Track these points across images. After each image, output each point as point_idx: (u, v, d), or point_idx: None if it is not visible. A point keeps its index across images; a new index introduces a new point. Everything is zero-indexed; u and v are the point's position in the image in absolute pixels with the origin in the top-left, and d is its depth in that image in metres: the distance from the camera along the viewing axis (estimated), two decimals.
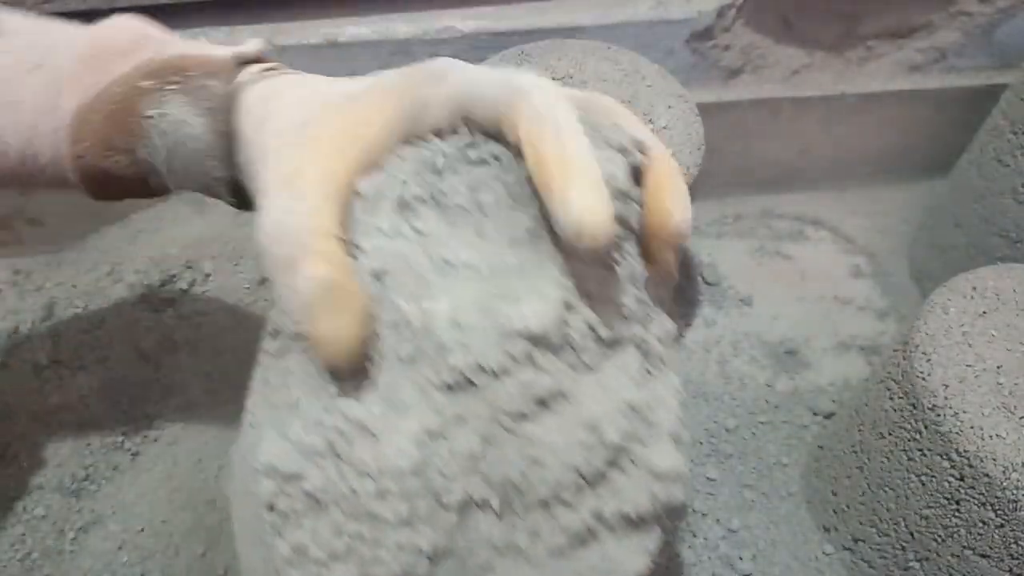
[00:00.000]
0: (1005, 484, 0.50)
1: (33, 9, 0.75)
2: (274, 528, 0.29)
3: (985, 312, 0.58)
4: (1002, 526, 0.51)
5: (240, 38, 0.80)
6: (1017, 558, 0.51)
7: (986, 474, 0.51)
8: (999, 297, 0.59)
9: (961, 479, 0.53)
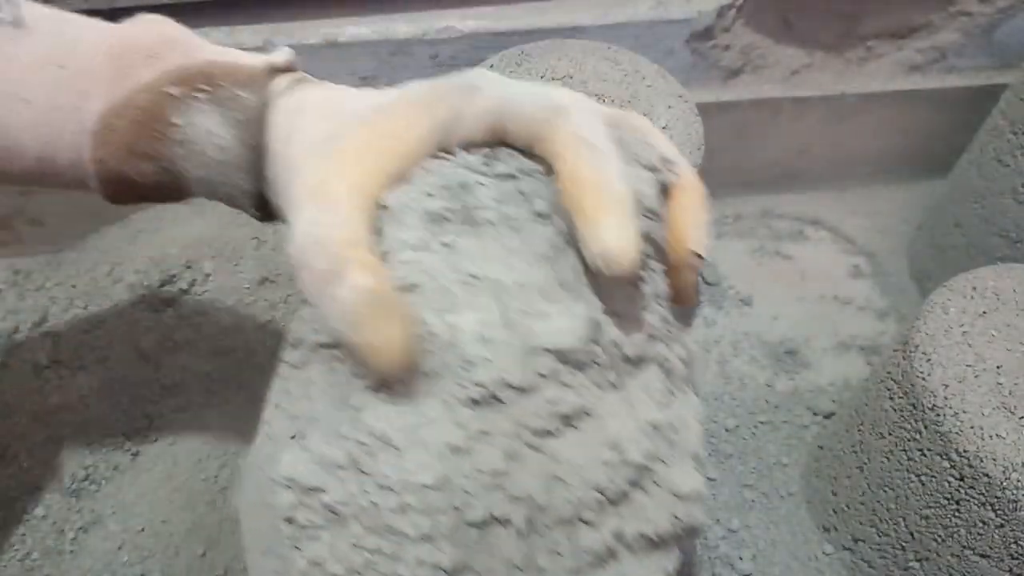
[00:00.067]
0: (1005, 484, 0.50)
1: None
2: (291, 541, 0.29)
3: (985, 312, 0.58)
4: (1002, 526, 0.51)
5: (242, 38, 0.79)
6: (1017, 558, 0.51)
7: (986, 474, 0.51)
8: (999, 297, 0.59)
9: (961, 479, 0.53)
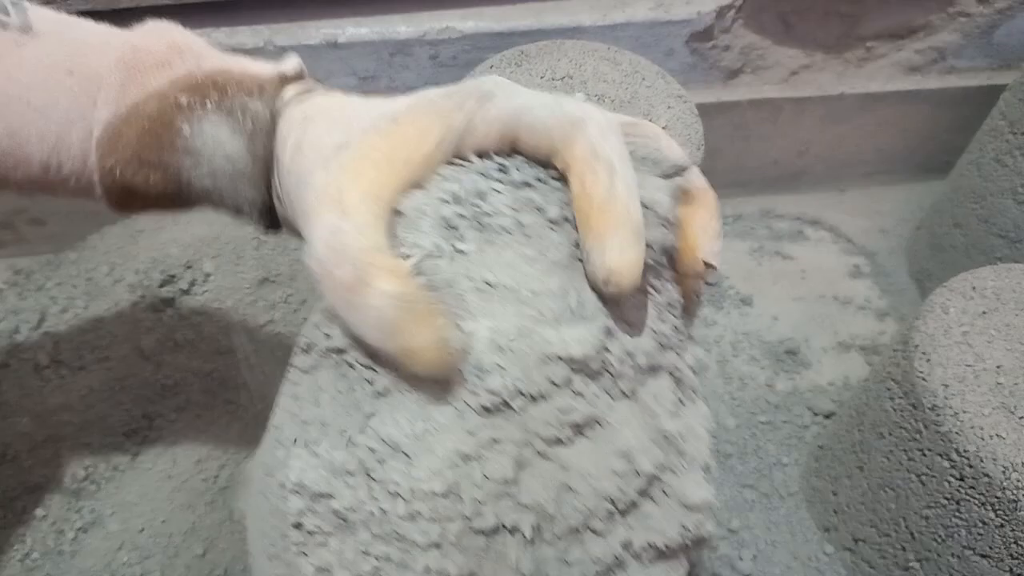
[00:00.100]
0: (1005, 484, 0.50)
1: None
2: (298, 547, 0.29)
3: (985, 312, 0.58)
4: (1002, 526, 0.51)
5: (242, 38, 0.80)
6: (1017, 558, 0.51)
7: (986, 474, 0.51)
8: (999, 297, 0.59)
9: (961, 479, 0.53)
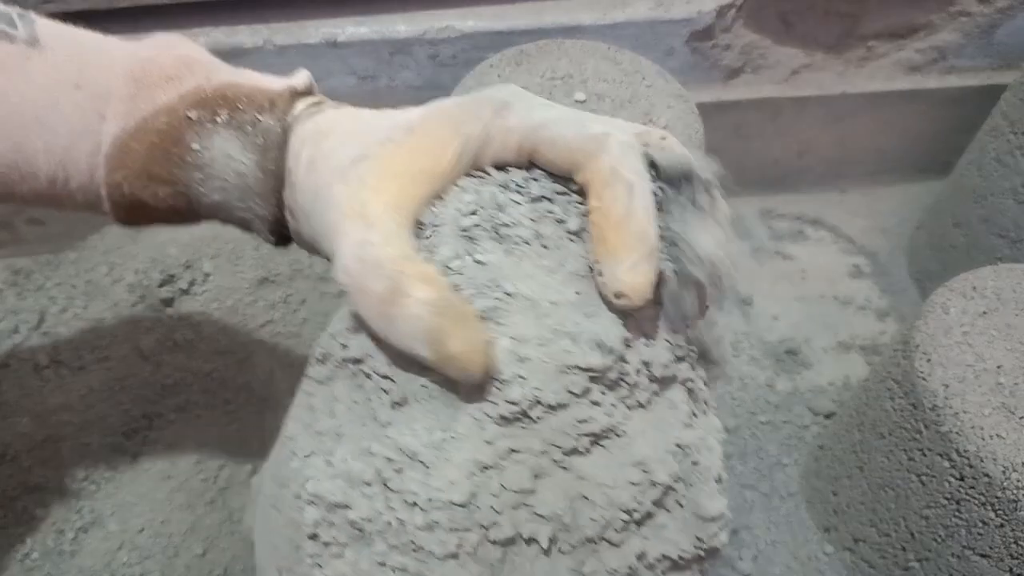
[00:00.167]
0: (1005, 484, 0.50)
1: (33, 9, 0.75)
2: (313, 559, 0.28)
3: (985, 312, 0.58)
4: (1002, 526, 0.51)
5: (242, 38, 0.79)
6: (1017, 558, 0.51)
7: (986, 474, 0.51)
8: (999, 297, 0.59)
9: (961, 479, 0.53)
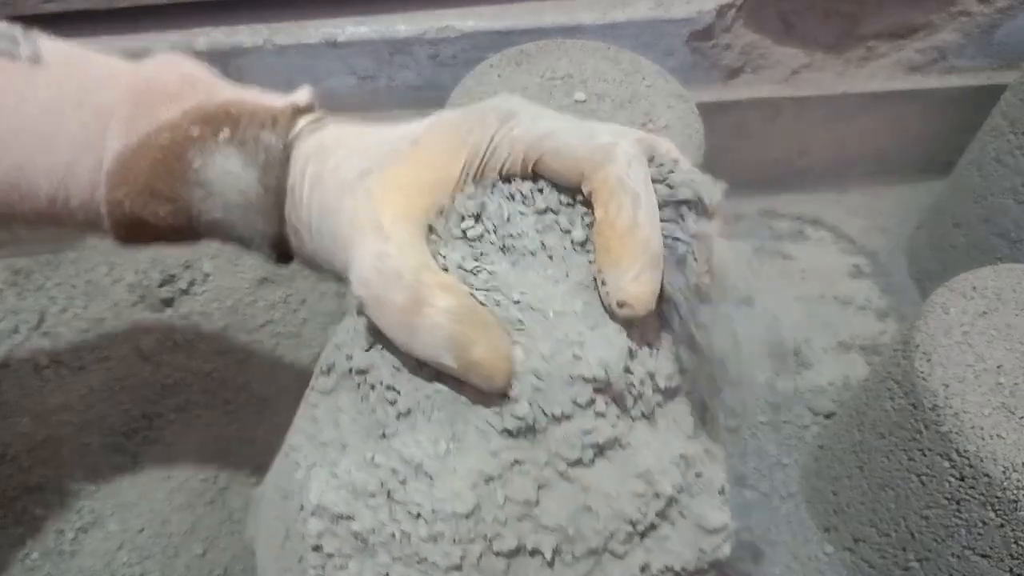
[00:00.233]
0: (1005, 484, 0.50)
1: (33, 9, 0.75)
2: (316, 571, 0.28)
3: (985, 312, 0.58)
4: (1002, 526, 0.51)
5: (241, 38, 0.79)
6: (1017, 558, 0.51)
7: (986, 474, 0.51)
8: (999, 297, 0.59)
9: (961, 479, 0.53)
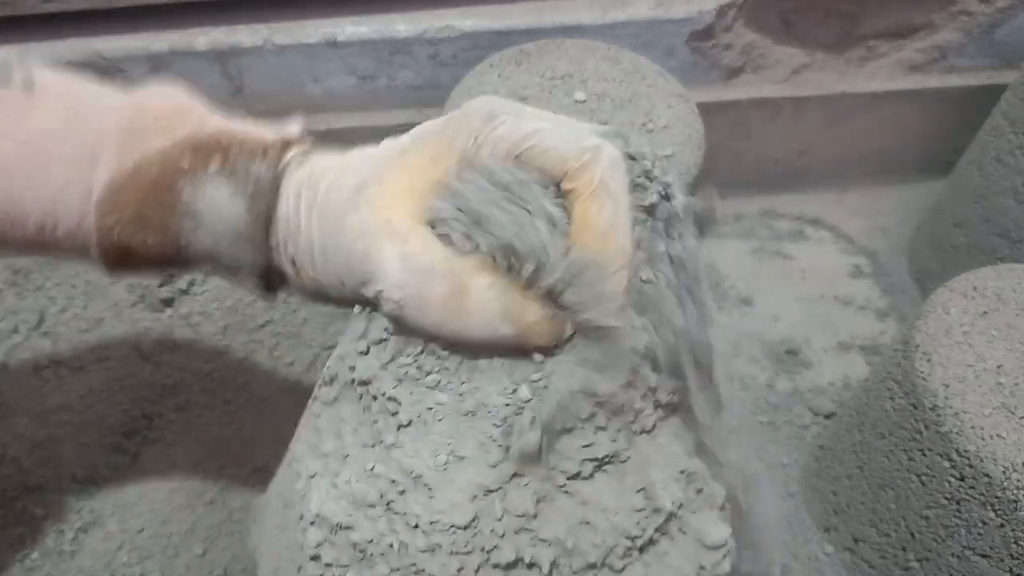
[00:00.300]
0: (1005, 484, 0.50)
1: (33, 9, 0.75)
2: None
3: (986, 312, 0.58)
4: (1002, 526, 0.51)
5: (241, 38, 0.79)
6: (1017, 558, 0.51)
7: (986, 474, 0.51)
8: (999, 297, 0.59)
9: (961, 479, 0.53)
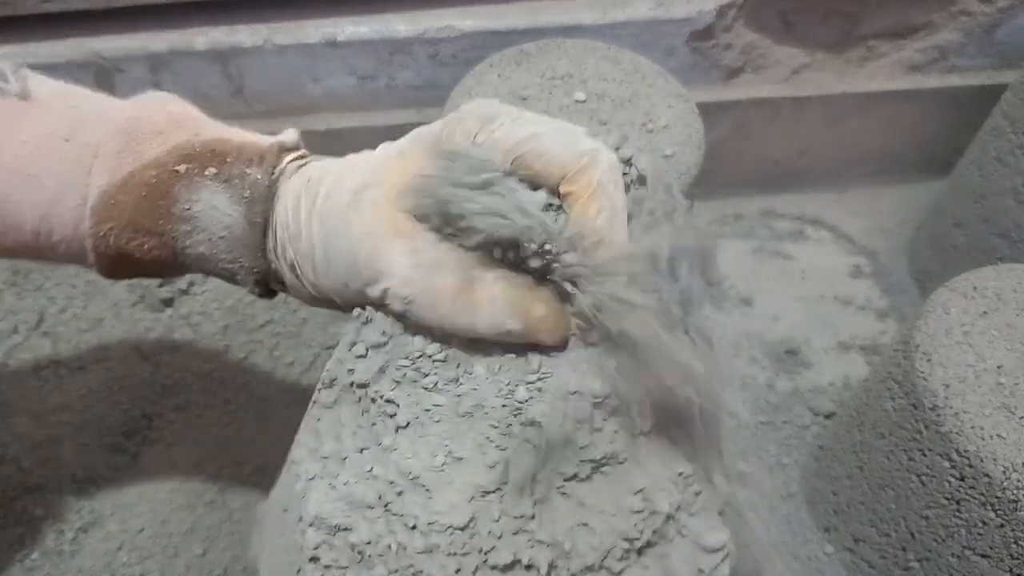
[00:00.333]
0: (1005, 484, 0.50)
1: (33, 9, 0.75)
2: None
3: (986, 312, 0.58)
4: (1002, 526, 0.51)
5: (241, 38, 0.79)
6: (1017, 558, 0.51)
7: (986, 474, 0.51)
8: (1000, 297, 0.59)
9: (961, 479, 0.53)
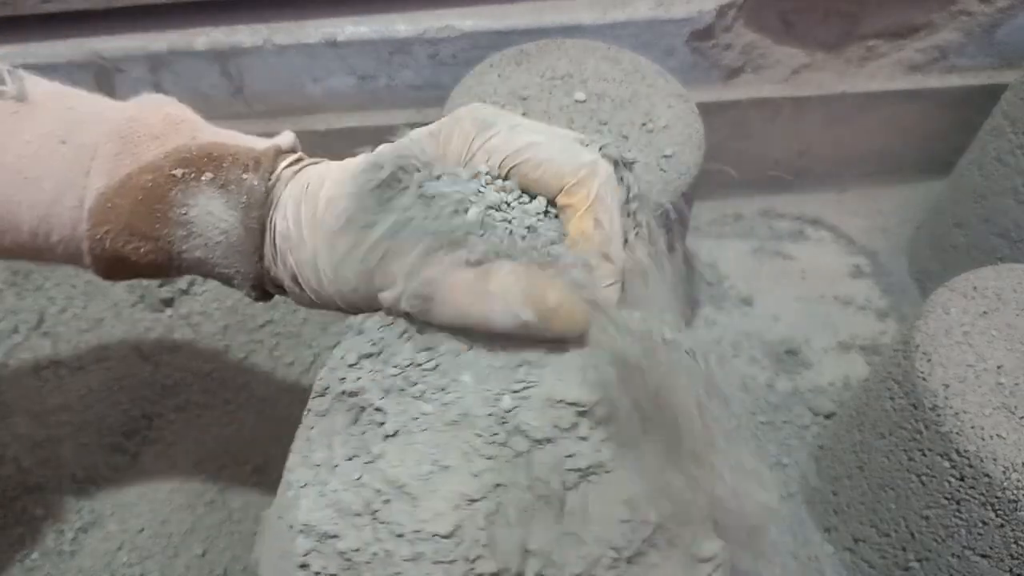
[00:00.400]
0: (1005, 484, 0.50)
1: (33, 9, 0.75)
2: None
3: (986, 312, 0.58)
4: (1002, 526, 0.51)
5: (241, 38, 0.79)
6: (1017, 558, 0.51)
7: (986, 474, 0.51)
8: (1000, 297, 0.59)
9: (961, 479, 0.53)
